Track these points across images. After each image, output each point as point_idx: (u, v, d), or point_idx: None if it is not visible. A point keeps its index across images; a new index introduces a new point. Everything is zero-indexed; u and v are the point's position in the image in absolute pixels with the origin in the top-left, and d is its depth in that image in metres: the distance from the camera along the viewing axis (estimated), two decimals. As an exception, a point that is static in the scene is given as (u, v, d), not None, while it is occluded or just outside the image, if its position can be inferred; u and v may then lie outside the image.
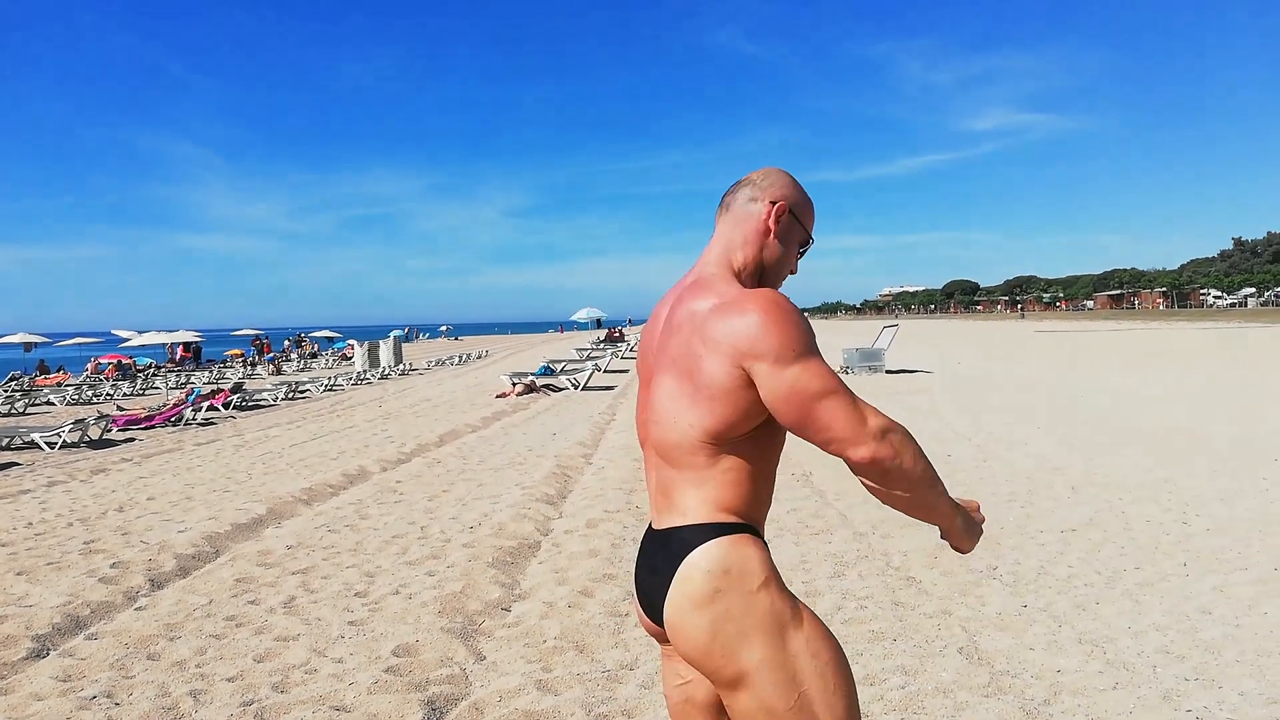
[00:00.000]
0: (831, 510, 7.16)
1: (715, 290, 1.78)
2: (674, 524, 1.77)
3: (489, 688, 3.97)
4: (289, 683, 4.08)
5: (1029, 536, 6.22)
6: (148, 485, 9.66)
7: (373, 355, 33.93)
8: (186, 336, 43.01)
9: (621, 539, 6.49)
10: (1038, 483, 8.07)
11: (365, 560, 6.19)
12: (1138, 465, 8.75)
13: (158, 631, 4.82)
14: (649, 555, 1.85)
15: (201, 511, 8.02)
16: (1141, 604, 4.79)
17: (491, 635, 4.68)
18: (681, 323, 1.78)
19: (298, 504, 8.23)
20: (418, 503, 8.18)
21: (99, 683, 4.11)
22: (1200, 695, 3.67)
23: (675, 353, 1.78)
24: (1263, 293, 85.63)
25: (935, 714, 3.56)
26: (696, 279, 1.85)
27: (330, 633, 4.74)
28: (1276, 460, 8.72)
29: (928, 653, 4.19)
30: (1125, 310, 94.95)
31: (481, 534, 6.78)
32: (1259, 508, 6.81)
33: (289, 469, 10.48)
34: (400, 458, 11.07)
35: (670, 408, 1.77)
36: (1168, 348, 30.66)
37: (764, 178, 1.91)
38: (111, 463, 11.51)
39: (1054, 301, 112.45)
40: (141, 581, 5.73)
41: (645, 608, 1.87)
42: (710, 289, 1.79)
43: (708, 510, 1.74)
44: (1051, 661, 4.06)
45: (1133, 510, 6.88)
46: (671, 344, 1.80)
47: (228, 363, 43.05)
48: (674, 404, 1.77)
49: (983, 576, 5.33)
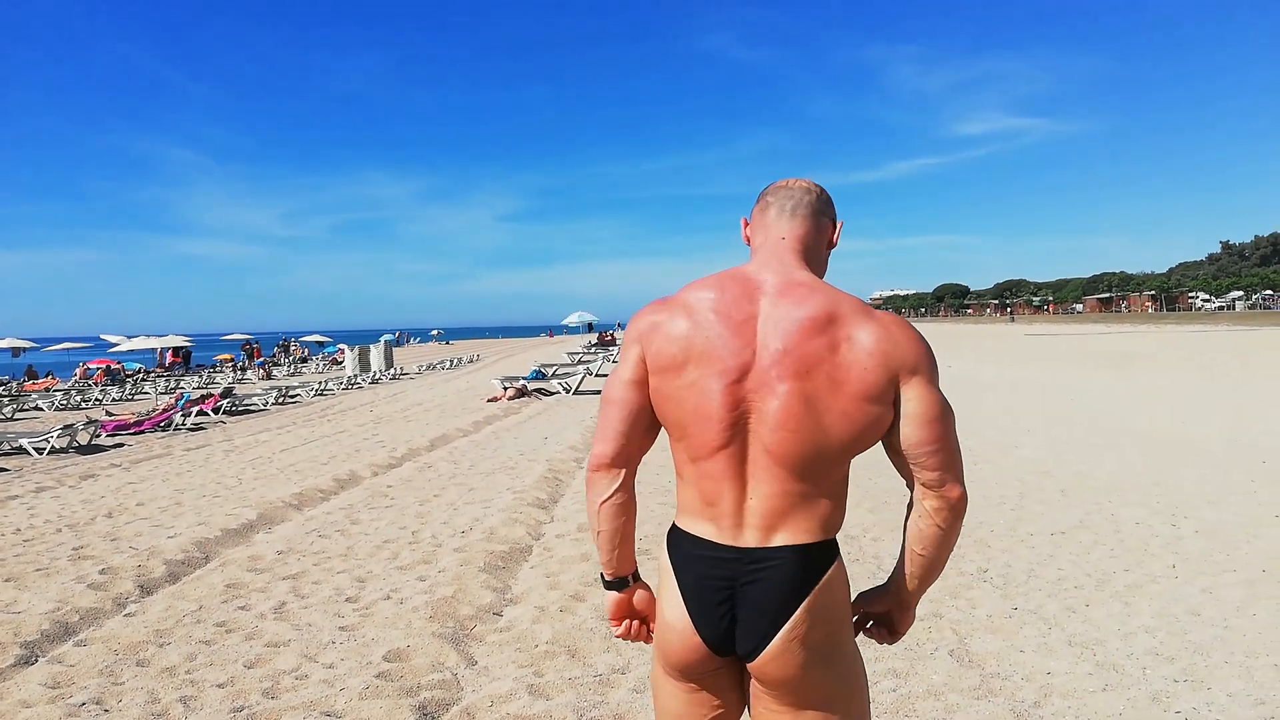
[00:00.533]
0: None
1: (845, 299, 1.74)
2: (799, 541, 1.71)
3: (480, 692, 3.97)
4: (279, 688, 4.07)
5: (1019, 539, 6.24)
6: (137, 491, 9.61)
7: (363, 360, 33.86)
8: (176, 341, 42.81)
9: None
10: (1028, 485, 8.09)
11: (356, 565, 6.17)
12: (1127, 468, 8.79)
13: (147, 638, 4.79)
14: (752, 574, 1.71)
15: (191, 517, 7.98)
16: (1131, 606, 4.81)
17: (483, 640, 4.67)
18: (816, 329, 1.69)
19: (288, 509, 8.21)
20: (409, 507, 8.17)
21: (88, 690, 4.09)
22: (1189, 696, 3.69)
23: (814, 360, 1.67)
24: (1250, 296, 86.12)
25: (926, 716, 3.57)
26: (804, 281, 1.77)
27: (321, 638, 4.72)
28: (1264, 463, 8.77)
29: (918, 655, 4.20)
30: (1114, 313, 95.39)
31: (473, 539, 6.77)
32: (1247, 510, 6.85)
33: (279, 474, 10.45)
34: (391, 462, 11.05)
35: (814, 417, 1.67)
36: (1156, 351, 30.81)
37: (822, 192, 1.92)
38: (100, 468, 11.46)
39: (1044, 305, 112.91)
40: (131, 588, 5.70)
41: (714, 632, 1.74)
42: (839, 296, 1.75)
43: (830, 527, 1.76)
44: (1042, 663, 4.07)
45: (1122, 513, 6.91)
46: (805, 349, 1.67)
47: (218, 367, 42.90)
48: (821, 413, 1.67)
49: (973, 579, 5.35)
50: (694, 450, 1.74)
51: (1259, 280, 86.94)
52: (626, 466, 1.80)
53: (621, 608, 1.90)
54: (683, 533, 1.80)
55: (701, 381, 1.71)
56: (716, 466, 1.72)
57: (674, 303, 1.80)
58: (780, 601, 1.69)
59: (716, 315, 1.73)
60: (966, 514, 1.76)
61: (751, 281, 1.78)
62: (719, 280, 1.80)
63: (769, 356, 1.69)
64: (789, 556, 1.70)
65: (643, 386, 1.79)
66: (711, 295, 1.76)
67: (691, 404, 1.72)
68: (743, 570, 1.71)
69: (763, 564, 1.70)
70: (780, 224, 1.86)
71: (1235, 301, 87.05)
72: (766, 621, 1.70)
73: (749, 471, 1.71)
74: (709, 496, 1.74)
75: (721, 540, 1.72)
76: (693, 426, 1.72)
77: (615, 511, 1.81)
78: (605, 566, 1.88)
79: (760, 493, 1.70)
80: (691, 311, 1.76)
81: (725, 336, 1.71)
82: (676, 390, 1.74)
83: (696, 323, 1.74)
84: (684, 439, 1.75)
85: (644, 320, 1.82)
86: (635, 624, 1.91)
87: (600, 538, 1.84)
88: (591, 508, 1.82)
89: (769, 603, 1.69)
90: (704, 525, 1.75)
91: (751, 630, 1.71)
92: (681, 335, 1.74)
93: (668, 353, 1.75)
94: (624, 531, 1.83)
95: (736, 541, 1.72)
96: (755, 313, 1.73)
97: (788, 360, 1.68)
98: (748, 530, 1.71)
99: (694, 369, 1.72)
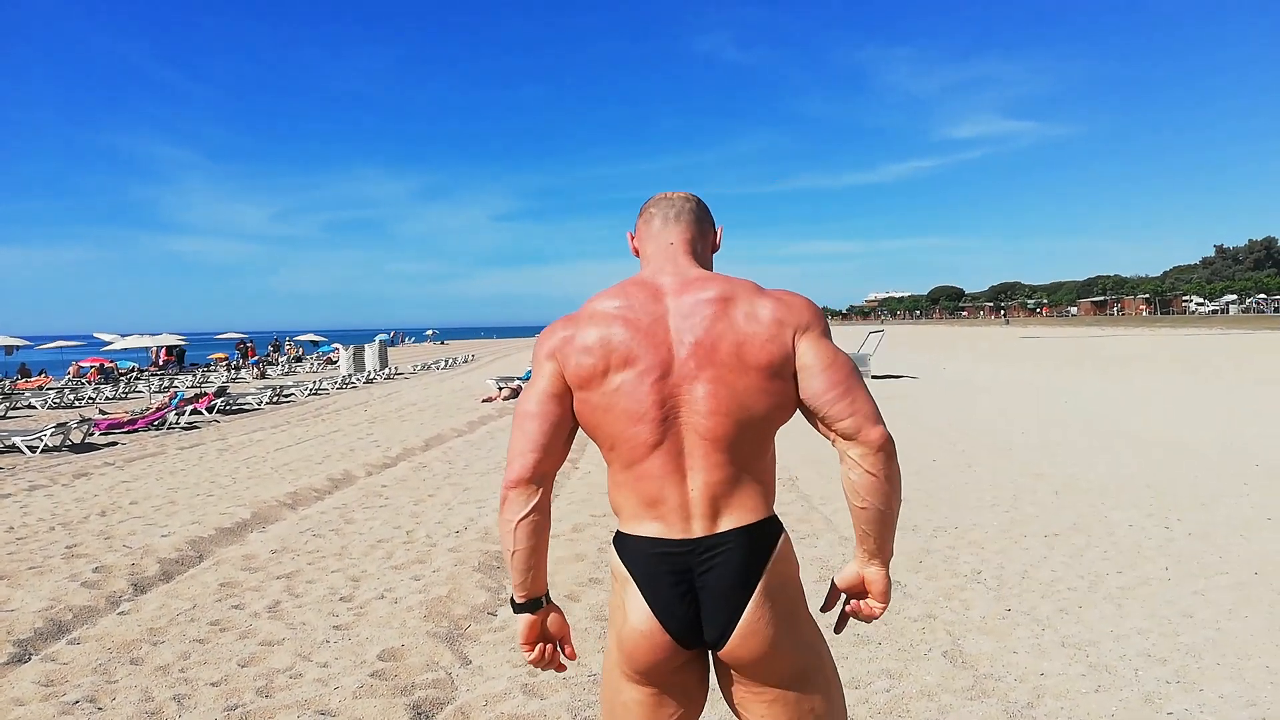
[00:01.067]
0: (817, 514, 7.18)
1: (739, 283, 1.84)
2: (746, 521, 1.75)
3: (475, 692, 3.97)
4: (273, 687, 4.06)
5: (1013, 541, 6.26)
6: (130, 489, 9.59)
7: (358, 359, 33.81)
8: (170, 340, 42.71)
9: (607, 543, 6.47)
10: (1022, 488, 8.12)
11: (350, 565, 6.17)
12: (1120, 471, 8.82)
13: (141, 636, 4.79)
14: (706, 562, 1.74)
15: (185, 516, 7.97)
16: (1124, 608, 4.82)
17: (477, 639, 4.67)
18: (719, 314, 1.77)
19: (282, 508, 8.20)
20: (403, 507, 8.16)
21: (81, 688, 4.08)
22: (1181, 698, 3.71)
23: (724, 343, 1.75)
24: (1244, 299, 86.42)
25: (919, 717, 3.58)
26: (699, 275, 1.87)
27: (315, 637, 4.72)
28: (1257, 465, 8.80)
29: (912, 656, 4.21)
30: (1109, 316, 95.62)
31: (467, 538, 6.77)
32: (1240, 513, 6.87)
33: (273, 473, 10.44)
34: (385, 462, 11.04)
35: (737, 398, 1.74)
36: (1150, 354, 30.91)
37: (700, 202, 2.03)
38: (94, 467, 11.43)
39: (1038, 307, 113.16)
40: (124, 586, 5.69)
41: (680, 624, 1.76)
42: (733, 281, 1.84)
43: (769, 502, 1.82)
44: (1035, 664, 4.08)
45: (1115, 515, 6.94)
46: (714, 334, 1.75)
47: (212, 366, 42.81)
48: (741, 393, 1.74)
49: (967, 581, 5.36)
50: (629, 455, 1.77)
51: (1252, 284, 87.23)
52: (543, 484, 1.79)
53: (534, 630, 1.86)
54: (630, 536, 1.80)
55: (626, 385, 1.76)
56: (654, 465, 1.75)
57: (581, 316, 1.85)
58: (739, 584, 1.73)
59: (627, 320, 1.79)
60: (898, 455, 1.77)
61: (651, 284, 1.85)
62: (622, 289, 1.86)
63: (685, 349, 1.76)
64: (740, 538, 1.74)
65: (563, 400, 1.81)
66: (618, 302, 1.83)
67: (620, 408, 1.76)
68: (697, 560, 1.75)
69: (715, 550, 1.74)
70: (667, 231, 1.95)
71: (1229, 305, 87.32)
72: (729, 606, 1.73)
73: (686, 464, 1.75)
74: (650, 497, 1.77)
75: (671, 535, 1.76)
76: (625, 431, 1.76)
77: (531, 530, 1.78)
78: (518, 588, 1.83)
79: (700, 482, 1.75)
80: (601, 321, 1.81)
81: (640, 338, 1.77)
82: (603, 398, 1.77)
83: (609, 330, 1.79)
84: (616, 446, 1.79)
85: (555, 337, 1.84)
86: (549, 648, 1.88)
87: (515, 557, 1.80)
88: (506, 526, 1.79)
89: (728, 587, 1.73)
90: (650, 525, 1.78)
91: (715, 617, 1.74)
92: (597, 344, 1.78)
93: (587, 364, 1.78)
94: (539, 551, 1.81)
95: (686, 534, 1.75)
96: (663, 311, 1.80)
97: (701, 349, 1.75)
98: (695, 521, 1.75)
99: (616, 375, 1.76)
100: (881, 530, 1.79)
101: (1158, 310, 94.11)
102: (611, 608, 1.88)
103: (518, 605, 1.85)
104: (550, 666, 1.90)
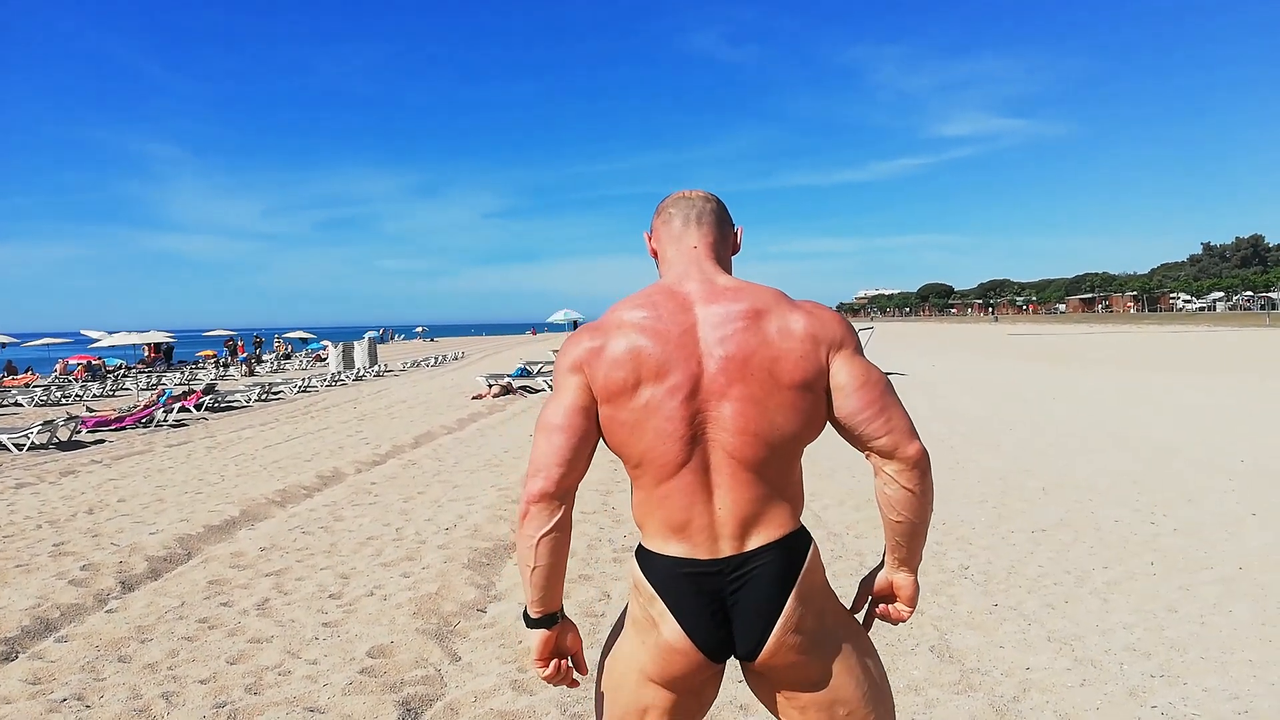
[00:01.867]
0: (806, 511, 7.21)
1: (768, 293, 1.79)
2: (775, 537, 1.73)
3: (464, 688, 3.97)
4: (262, 684, 4.06)
5: (1000, 536, 6.29)
6: (118, 487, 9.55)
7: (347, 356, 33.73)
8: (158, 337, 42.51)
9: (597, 540, 6.50)
10: (1009, 484, 8.16)
11: (340, 562, 6.16)
12: (1107, 467, 8.87)
13: (129, 634, 4.77)
14: (736, 581, 1.72)
15: (173, 513, 7.95)
16: (1109, 603, 4.86)
17: (467, 636, 4.67)
18: (750, 327, 1.72)
19: (271, 505, 8.18)
20: (392, 504, 8.15)
21: (69, 685, 4.07)
22: (1165, 692, 3.74)
23: (755, 358, 1.70)
24: (1231, 297, 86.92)
25: (907, 711, 3.61)
26: (728, 285, 1.80)
27: (304, 634, 4.71)
28: (1243, 462, 8.87)
29: (899, 650, 4.24)
30: (1096, 314, 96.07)
31: (457, 535, 6.77)
32: (1225, 509, 6.93)
33: (262, 470, 10.41)
34: (375, 459, 11.02)
35: (767, 415, 1.70)
36: (1137, 351, 31.06)
37: (720, 201, 1.96)
38: (81, 464, 11.38)
39: (1026, 305, 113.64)
40: (112, 584, 5.68)
41: (712, 641, 1.73)
42: (762, 292, 1.79)
43: (798, 515, 1.80)
44: (1021, 659, 4.11)
45: (1102, 511, 6.98)
46: (745, 349, 1.70)
47: (200, 364, 42.62)
48: (773, 411, 1.70)
49: (954, 576, 5.39)
50: (657, 472, 1.72)
51: (1239, 281, 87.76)
52: (566, 500, 1.73)
53: (549, 646, 1.81)
54: (655, 555, 1.76)
55: (654, 400, 1.70)
56: (681, 483, 1.71)
57: (607, 326, 1.77)
58: (770, 600, 1.71)
59: (657, 331, 1.73)
60: (934, 477, 1.77)
61: (679, 293, 1.79)
62: (648, 298, 1.79)
63: (715, 364, 1.70)
64: (771, 555, 1.72)
65: (589, 413, 1.74)
66: (644, 313, 1.75)
67: (650, 425, 1.70)
68: (727, 581, 1.71)
69: (746, 569, 1.71)
70: (689, 234, 1.88)
71: (1216, 303, 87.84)
72: (761, 622, 1.71)
73: (714, 481, 1.71)
74: (677, 518, 1.73)
75: (699, 556, 1.72)
76: (653, 448, 1.71)
77: (553, 547, 1.72)
78: (534, 604, 1.78)
79: (728, 500, 1.71)
80: (630, 331, 1.74)
81: (670, 350, 1.71)
82: (631, 414, 1.71)
83: (639, 341, 1.72)
84: (643, 463, 1.73)
85: (581, 347, 1.77)
86: (564, 664, 1.85)
87: (534, 574, 1.74)
88: (527, 542, 1.72)
89: (760, 604, 1.71)
90: (676, 545, 1.74)
91: (748, 633, 1.72)
92: (627, 356, 1.72)
93: (617, 377, 1.72)
94: (559, 568, 1.76)
95: (714, 554, 1.72)
96: (693, 322, 1.74)
97: (733, 364, 1.70)
98: (723, 541, 1.72)
99: (646, 389, 1.70)
100: (913, 541, 1.80)
101: (1145, 307, 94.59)
102: (634, 617, 1.82)
103: (533, 621, 1.80)
104: (563, 682, 1.86)
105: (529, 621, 1.81)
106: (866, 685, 1.79)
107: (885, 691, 1.84)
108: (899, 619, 1.89)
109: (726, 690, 3.78)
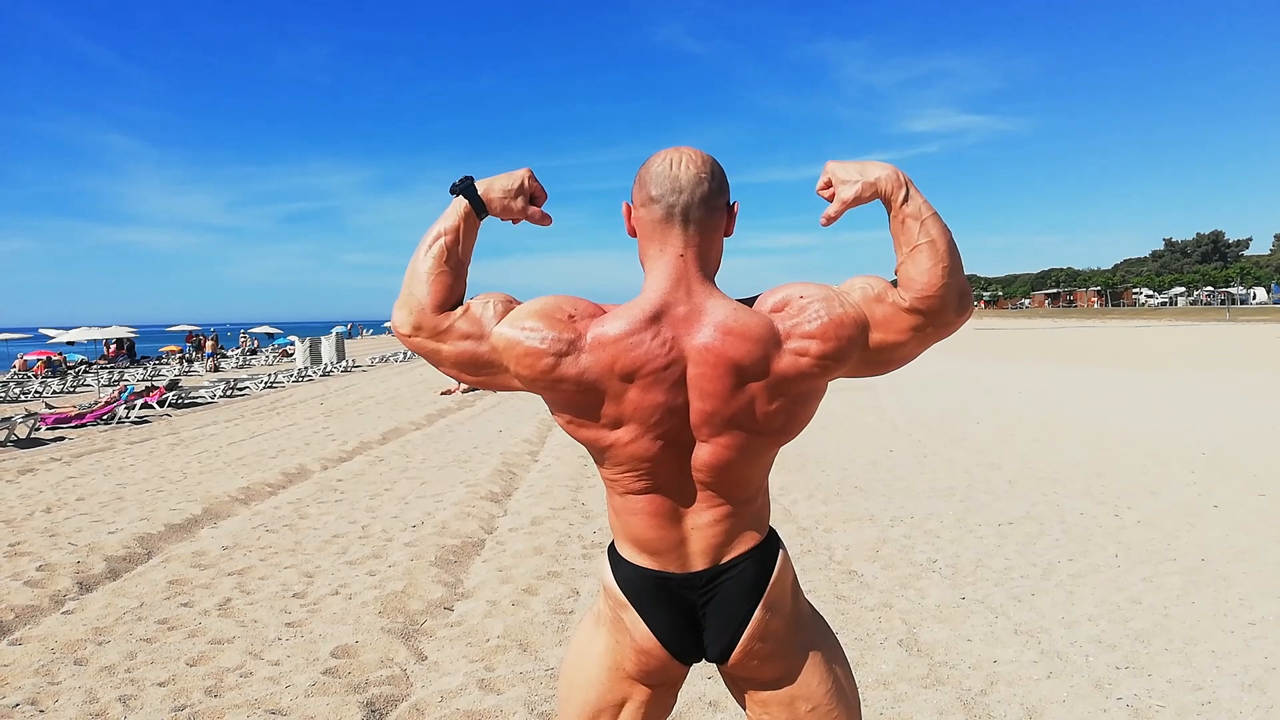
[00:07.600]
0: (776, 506, 7.21)
1: (752, 316, 1.63)
2: (746, 549, 1.72)
3: (430, 688, 3.92)
4: (223, 686, 3.98)
5: (968, 530, 6.33)
6: (77, 485, 9.36)
7: (314, 352, 33.35)
8: (119, 332, 41.81)
9: (567, 536, 6.45)
10: (976, 477, 8.22)
11: (304, 560, 6.07)
12: (1072, 459, 8.97)
13: (85, 636, 4.67)
14: (708, 592, 1.71)
15: (133, 512, 7.79)
16: (1075, 595, 4.90)
17: (433, 635, 4.62)
18: (732, 352, 1.59)
19: (235, 503, 8.05)
20: (359, 502, 8.06)
21: (23, 690, 3.97)
22: (1130, 683, 3.77)
23: (740, 394, 1.61)
24: (1192, 292, 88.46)
25: (875, 705, 3.60)
26: (715, 306, 1.63)
27: (267, 635, 4.63)
28: (1204, 454, 9.00)
29: (868, 645, 4.24)
30: (1061, 309, 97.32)
31: (424, 533, 6.69)
32: (1187, 500, 7.02)
33: (226, 468, 10.25)
34: (342, 456, 10.89)
35: (750, 454, 1.66)
36: (1101, 345, 31.49)
37: (715, 170, 1.68)
38: (39, 462, 11.14)
39: (993, 300, 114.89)
40: (69, 585, 5.55)
41: (683, 645, 1.75)
42: (747, 315, 1.63)
43: (766, 522, 1.79)
44: (988, 652, 4.13)
45: (1067, 503, 7.05)
46: (725, 379, 1.60)
47: (163, 359, 41.98)
48: (749, 443, 1.65)
49: (922, 569, 5.41)
50: (625, 486, 1.69)
51: (1200, 277, 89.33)
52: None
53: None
54: (627, 562, 1.75)
55: (629, 422, 1.62)
56: (649, 503, 1.68)
57: (590, 342, 1.63)
58: (740, 607, 1.72)
59: (634, 358, 1.59)
60: (947, 234, 1.72)
61: (661, 313, 1.61)
62: (628, 314, 1.62)
63: (695, 391, 1.61)
64: (743, 566, 1.72)
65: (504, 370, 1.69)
66: (623, 328, 1.61)
67: (622, 446, 1.64)
68: (699, 593, 1.72)
69: (717, 580, 1.72)
70: (674, 236, 1.64)
71: (1177, 298, 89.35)
72: (732, 626, 1.73)
73: (682, 504, 1.69)
74: (645, 539, 1.70)
75: (670, 570, 1.71)
76: (625, 466, 1.66)
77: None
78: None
79: (699, 523, 1.69)
80: (606, 348, 1.60)
81: (646, 378, 1.59)
82: (597, 434, 1.65)
83: (613, 360, 1.59)
84: (616, 479, 1.69)
85: (564, 331, 1.64)
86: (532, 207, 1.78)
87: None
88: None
89: (731, 611, 1.72)
90: (646, 558, 1.72)
91: (718, 638, 1.74)
92: (598, 374, 1.60)
93: (583, 401, 1.64)
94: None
95: (686, 569, 1.71)
96: (672, 346, 1.60)
97: (710, 390, 1.60)
98: (694, 559, 1.71)
99: (615, 409, 1.61)
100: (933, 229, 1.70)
101: (1109, 302, 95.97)
102: (604, 617, 1.81)
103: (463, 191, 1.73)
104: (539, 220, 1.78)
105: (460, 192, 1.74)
106: (830, 682, 1.80)
107: (850, 687, 1.85)
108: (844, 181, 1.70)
109: (696, 687, 3.76)
